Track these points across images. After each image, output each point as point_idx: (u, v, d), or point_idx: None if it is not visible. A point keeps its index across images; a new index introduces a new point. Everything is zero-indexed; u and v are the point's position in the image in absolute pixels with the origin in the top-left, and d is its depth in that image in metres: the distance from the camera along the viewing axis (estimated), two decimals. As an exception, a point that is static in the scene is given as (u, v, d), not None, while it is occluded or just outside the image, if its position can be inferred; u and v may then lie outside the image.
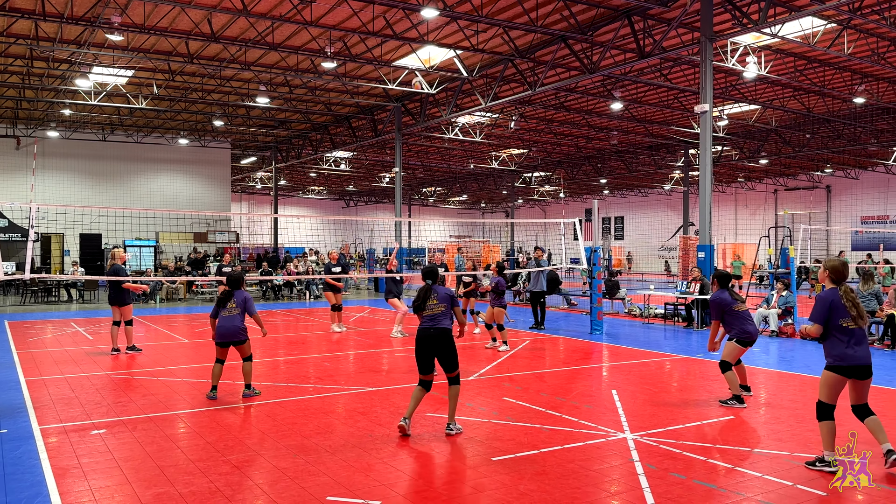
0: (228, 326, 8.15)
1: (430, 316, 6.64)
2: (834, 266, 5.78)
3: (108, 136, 31.75)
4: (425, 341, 6.62)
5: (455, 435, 6.58)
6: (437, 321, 6.63)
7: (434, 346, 6.59)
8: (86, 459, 5.88)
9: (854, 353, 5.53)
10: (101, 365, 10.47)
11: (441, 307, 6.67)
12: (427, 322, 6.65)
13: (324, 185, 53.21)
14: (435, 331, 6.60)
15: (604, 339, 13.75)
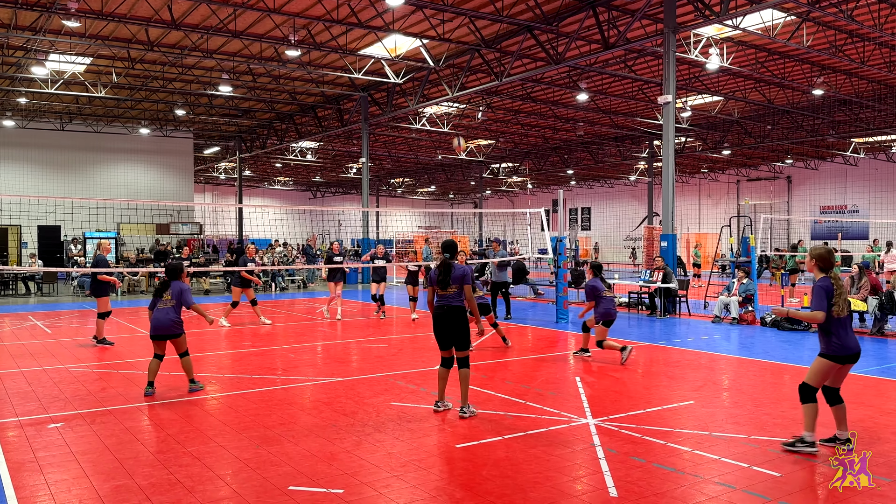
0: (163, 319, 7.81)
1: (447, 294, 6.86)
2: (820, 254, 5.77)
3: (66, 125, 30.99)
4: (440, 318, 6.86)
5: (469, 418, 6.75)
6: (450, 300, 6.87)
7: (448, 323, 6.82)
8: (42, 453, 5.77)
9: (851, 342, 5.63)
10: (59, 358, 10.26)
11: (454, 287, 6.87)
12: (441, 299, 6.89)
13: (290, 175, 52.69)
14: (449, 308, 6.85)
15: (569, 327, 13.89)
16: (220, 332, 13.23)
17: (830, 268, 5.73)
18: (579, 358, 10.29)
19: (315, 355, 10.69)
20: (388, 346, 11.51)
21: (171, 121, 32.10)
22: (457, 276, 6.89)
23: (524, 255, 21.06)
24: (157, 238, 30.69)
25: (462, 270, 6.92)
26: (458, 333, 6.88)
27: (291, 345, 11.75)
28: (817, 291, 5.65)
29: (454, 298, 6.89)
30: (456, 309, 6.87)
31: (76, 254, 27.00)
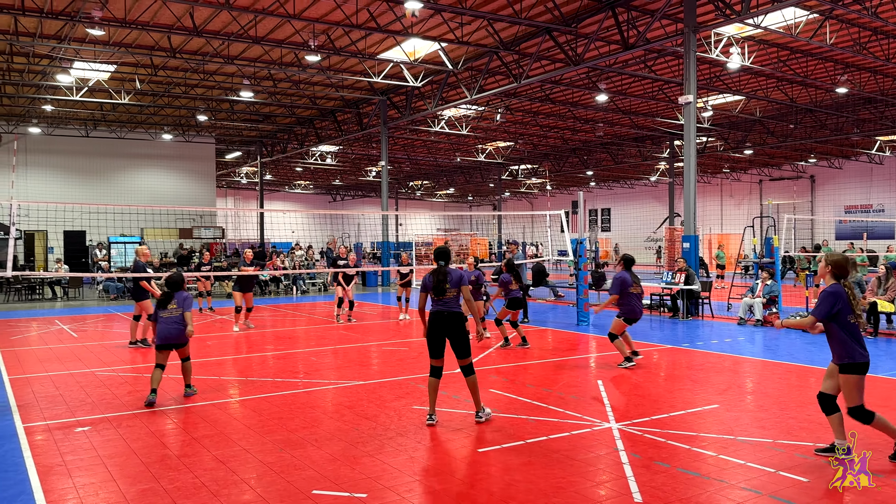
0: (172, 329, 7.86)
1: (444, 300, 6.67)
2: (836, 261, 5.47)
3: (90, 131, 31.44)
4: (437, 323, 6.64)
5: (485, 422, 6.70)
6: (450, 305, 6.66)
7: (446, 329, 6.62)
8: (70, 457, 5.85)
9: (866, 351, 5.40)
10: (85, 362, 10.40)
11: (453, 291, 6.69)
12: (439, 305, 6.68)
13: (310, 179, 53.01)
14: (448, 313, 6.63)
15: (590, 330, 13.81)
16: (241, 336, 13.33)
17: (845, 276, 5.48)
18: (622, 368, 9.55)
19: (336, 358, 10.73)
20: (409, 349, 11.52)
21: (193, 126, 32.45)
22: (455, 279, 6.71)
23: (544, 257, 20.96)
24: (180, 242, 31.01)
25: (459, 273, 6.78)
26: (458, 340, 6.62)
27: (313, 348, 11.80)
28: (826, 297, 5.37)
29: (453, 303, 6.67)
30: (455, 315, 6.64)
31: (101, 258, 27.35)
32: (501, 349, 11.33)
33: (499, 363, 10.07)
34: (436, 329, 6.65)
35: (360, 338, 13.00)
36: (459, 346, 6.66)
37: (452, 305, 6.67)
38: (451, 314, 6.63)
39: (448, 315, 6.62)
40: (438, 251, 6.89)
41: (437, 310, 6.67)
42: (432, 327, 6.67)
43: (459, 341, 6.65)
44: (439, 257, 6.86)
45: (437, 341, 6.68)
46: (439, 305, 6.68)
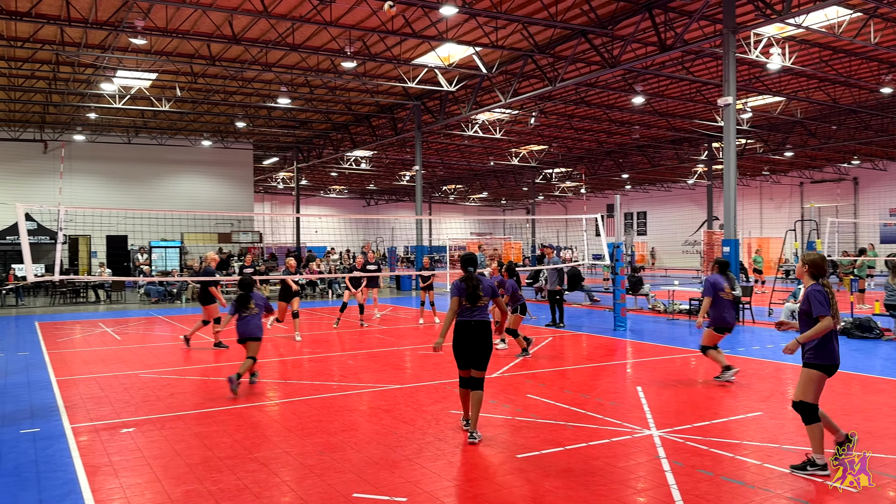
0: (251, 325, 8.86)
1: (475, 309, 6.46)
2: (814, 260, 5.52)
3: (132, 138, 32.17)
4: (467, 333, 6.40)
5: (478, 443, 6.30)
6: (479, 314, 6.47)
7: (473, 339, 6.39)
8: (116, 457, 5.97)
9: (838, 352, 5.43)
10: (129, 364, 10.62)
11: (486, 300, 6.50)
12: (469, 314, 6.45)
13: (345, 184, 53.46)
14: (475, 323, 6.42)
15: (627, 335, 13.66)
16: (278, 340, 13.48)
17: (822, 275, 5.49)
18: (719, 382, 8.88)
19: (372, 362, 10.79)
20: (445, 353, 11.51)
21: (231, 133, 32.99)
22: (487, 287, 6.54)
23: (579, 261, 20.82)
24: (219, 247, 31.52)
25: (490, 282, 6.64)
26: (483, 351, 6.43)
27: (349, 351, 11.88)
28: (816, 297, 5.35)
29: (482, 313, 6.48)
30: (484, 324, 6.44)
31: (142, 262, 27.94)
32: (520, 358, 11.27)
33: (535, 368, 10.03)
34: (463, 339, 6.42)
35: (395, 341, 13.05)
36: (482, 357, 6.45)
37: (482, 315, 6.48)
38: (478, 324, 6.42)
39: (476, 325, 6.41)
40: (465, 258, 6.70)
41: (464, 319, 6.44)
42: (461, 337, 6.43)
43: (483, 353, 6.44)
44: (467, 264, 6.64)
45: (465, 352, 6.44)
46: (468, 315, 6.44)
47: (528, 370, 9.86)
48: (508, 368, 9.99)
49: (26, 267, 9.81)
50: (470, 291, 6.45)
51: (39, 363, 10.83)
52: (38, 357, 11.41)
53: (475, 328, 6.39)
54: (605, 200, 54.08)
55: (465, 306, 6.49)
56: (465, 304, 6.48)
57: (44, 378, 9.62)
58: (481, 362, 6.44)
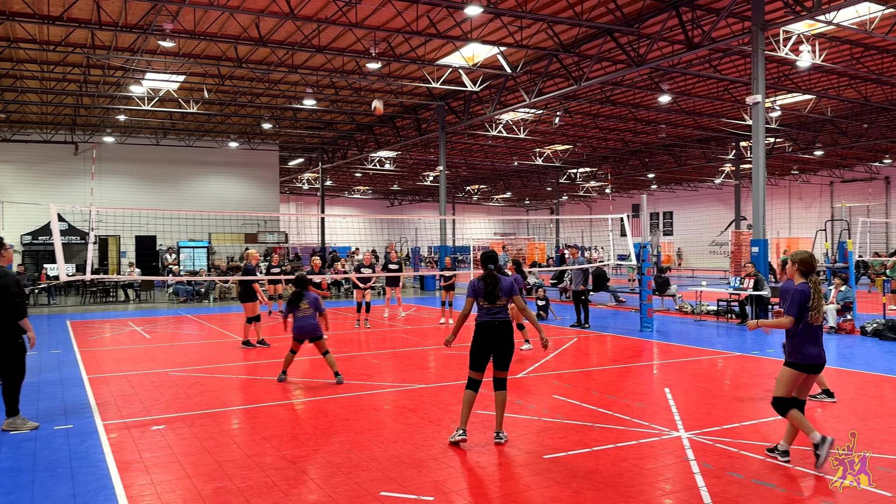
0: (305, 325, 8.99)
1: (495, 309, 6.28)
2: (804, 258, 5.69)
3: (161, 140, 32.62)
4: (487, 335, 6.23)
5: (504, 443, 6.30)
6: (500, 314, 6.28)
7: (495, 340, 6.23)
8: (147, 454, 6.06)
9: (818, 351, 5.57)
10: (158, 363, 10.78)
11: (504, 300, 6.32)
12: (489, 314, 6.28)
13: (369, 184, 53.69)
14: (499, 323, 6.24)
15: (654, 336, 13.54)
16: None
17: (812, 273, 5.65)
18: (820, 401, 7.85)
19: (397, 361, 10.82)
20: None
21: (258, 134, 33.31)
22: (506, 287, 6.34)
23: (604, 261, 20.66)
24: (246, 247, 31.82)
25: (509, 281, 6.42)
26: (507, 352, 6.27)
27: (373, 351, 11.93)
28: (794, 296, 5.56)
29: (503, 313, 6.29)
30: (506, 325, 6.25)
31: (171, 262, 28.31)
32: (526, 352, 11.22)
33: (560, 369, 9.99)
34: (484, 340, 6.24)
35: (419, 341, 13.08)
36: (504, 358, 6.29)
37: (503, 315, 6.29)
38: (501, 324, 6.25)
39: (499, 325, 6.23)
40: (486, 255, 6.49)
41: (486, 320, 6.26)
42: (483, 338, 6.24)
43: (506, 353, 6.28)
44: (487, 261, 6.45)
45: (484, 353, 6.25)
46: (489, 315, 6.26)
47: (553, 371, 9.82)
48: (534, 369, 9.96)
49: (59, 266, 10.01)
50: (488, 290, 6.31)
51: (71, 361, 11.04)
52: (69, 355, 11.62)
53: (498, 329, 6.22)
54: (630, 200, 53.66)
55: (483, 307, 6.32)
56: (484, 304, 6.31)
57: (76, 375, 9.80)
58: (504, 363, 6.31)
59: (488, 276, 6.36)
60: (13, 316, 6.84)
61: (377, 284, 26.43)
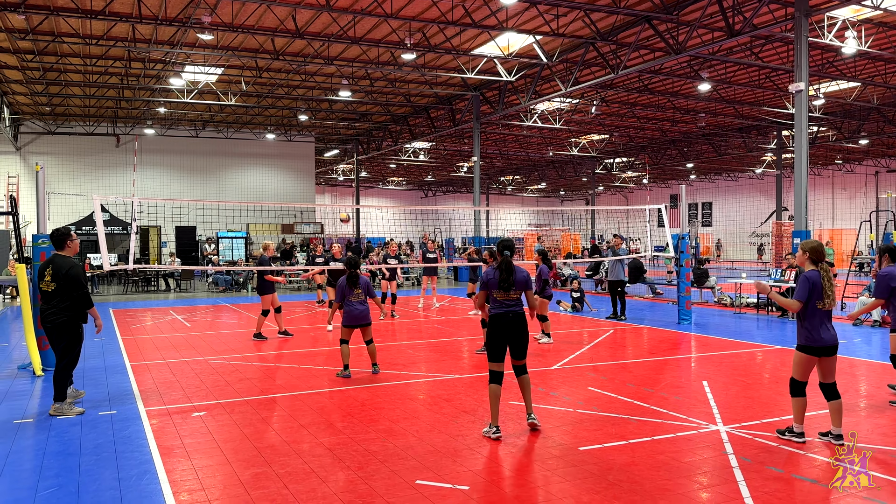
0: (358, 311, 8.91)
1: (510, 300, 6.27)
2: (814, 247, 6.00)
3: (200, 132, 33.16)
4: (504, 326, 6.22)
5: (539, 427, 6.36)
6: (515, 306, 6.28)
7: (512, 332, 6.25)
8: (188, 440, 6.20)
9: (825, 336, 5.83)
10: (199, 351, 11.00)
11: (518, 292, 6.30)
12: (505, 306, 6.26)
13: (403, 175, 53.84)
14: (513, 315, 6.25)
15: (692, 329, 13.37)
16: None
17: (821, 260, 5.96)
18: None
19: (432, 352, 10.87)
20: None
21: (294, 126, 33.65)
22: (521, 279, 6.29)
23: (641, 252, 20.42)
24: (283, 237, 32.22)
25: (524, 273, 6.34)
26: (523, 342, 6.29)
27: (408, 341, 12.00)
28: (803, 282, 5.89)
29: (518, 304, 6.27)
30: (521, 316, 6.26)
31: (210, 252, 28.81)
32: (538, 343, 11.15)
33: (596, 361, 9.93)
34: (501, 331, 6.23)
35: (453, 332, 13.11)
36: (521, 347, 6.31)
37: (517, 307, 6.27)
38: (516, 316, 6.24)
39: (514, 317, 6.23)
40: (503, 242, 6.42)
41: (500, 312, 6.23)
42: (497, 329, 6.24)
43: (524, 343, 6.31)
44: (503, 248, 6.37)
45: (501, 344, 6.24)
46: (503, 307, 6.24)
47: (589, 363, 9.77)
48: (569, 361, 9.92)
49: (102, 256, 10.25)
50: (502, 279, 6.24)
51: (115, 349, 11.32)
52: (113, 343, 11.93)
53: (513, 321, 6.23)
54: (668, 191, 52.88)
55: (496, 298, 6.27)
56: (497, 295, 6.26)
57: (119, 363, 10.06)
58: (522, 351, 6.35)
59: (504, 263, 6.32)
60: (83, 305, 7.14)
61: (412, 275, 26.57)
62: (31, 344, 9.45)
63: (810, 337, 5.83)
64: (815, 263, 5.95)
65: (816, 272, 5.87)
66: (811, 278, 5.84)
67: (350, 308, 8.87)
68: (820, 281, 5.82)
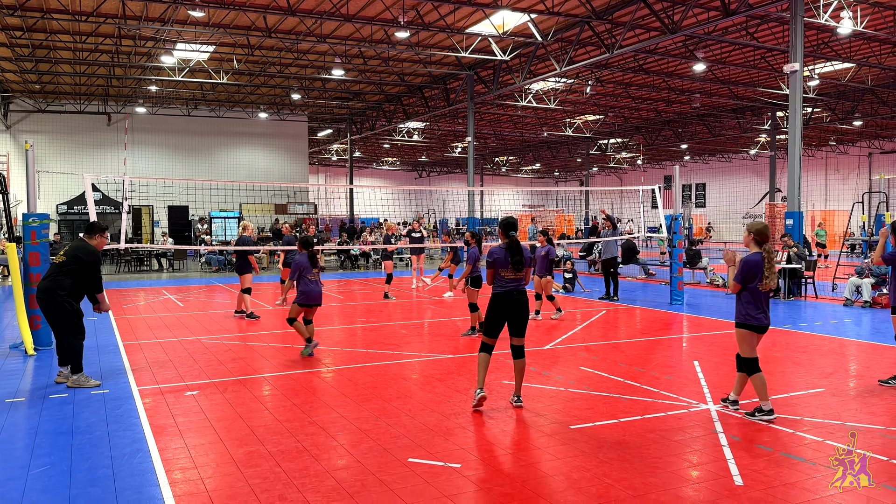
0: (318, 290, 8.94)
1: (516, 279, 6.35)
2: (759, 229, 6.19)
3: (192, 111, 32.88)
4: (507, 305, 6.32)
5: (521, 407, 6.43)
6: (520, 283, 6.37)
7: (514, 309, 6.34)
8: (181, 419, 6.21)
9: (759, 314, 6.07)
10: (191, 330, 10.99)
11: (525, 270, 6.39)
12: (510, 284, 6.33)
13: (397, 155, 53.63)
14: (518, 293, 6.35)
15: (684, 309, 13.43)
16: (333, 309, 13.72)
17: (765, 242, 6.15)
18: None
19: (426, 332, 10.89)
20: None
21: (287, 105, 33.39)
22: (526, 257, 6.36)
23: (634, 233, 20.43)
24: (276, 218, 32.12)
25: (528, 251, 6.42)
26: (522, 319, 6.38)
27: (401, 321, 12.03)
28: (743, 265, 6.08)
29: (521, 282, 6.37)
30: (524, 293, 6.39)
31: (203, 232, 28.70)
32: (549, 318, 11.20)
33: (588, 341, 9.97)
34: (503, 309, 6.33)
35: (447, 312, 13.13)
36: (520, 324, 6.39)
37: (521, 284, 6.37)
38: (520, 293, 6.35)
39: (518, 294, 6.34)
40: (507, 222, 6.46)
41: (507, 290, 6.32)
42: (499, 307, 6.33)
43: (522, 320, 6.38)
44: (509, 228, 6.43)
45: (500, 321, 6.37)
46: (509, 284, 6.33)
47: (581, 343, 9.81)
48: (561, 340, 9.96)
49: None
50: (515, 260, 6.30)
51: (107, 328, 11.30)
52: (105, 322, 11.90)
53: (517, 299, 6.34)
54: (662, 172, 52.87)
55: (504, 277, 6.34)
56: (507, 274, 6.32)
57: (111, 342, 10.05)
58: (520, 329, 6.42)
59: (513, 244, 6.35)
60: (95, 289, 7.51)
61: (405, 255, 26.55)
62: (22, 323, 9.42)
63: (747, 315, 6.10)
64: (760, 245, 6.13)
65: (758, 254, 6.06)
66: (755, 262, 6.04)
67: (310, 287, 8.86)
68: (761, 263, 6.02)
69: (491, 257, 6.44)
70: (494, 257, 6.41)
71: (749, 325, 6.10)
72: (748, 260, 6.08)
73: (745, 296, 6.10)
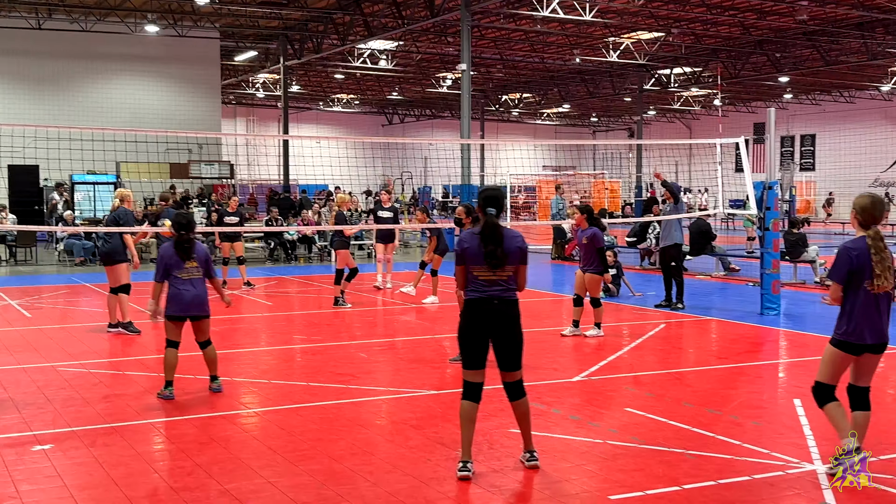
0: (193, 294, 8.56)
1: (496, 281, 6.21)
2: (864, 205, 6.08)
3: (43, 21, 32.58)
4: (485, 319, 6.21)
5: (535, 468, 6.40)
6: (503, 289, 6.23)
7: (494, 326, 6.22)
8: (25, 486, 6.17)
9: (866, 327, 6.02)
10: (43, 354, 10.94)
11: (510, 269, 6.24)
12: (489, 289, 6.21)
13: (355, 92, 53.58)
14: (499, 302, 6.21)
15: (781, 322, 13.54)
16: (258, 320, 13.69)
17: (873, 223, 6.06)
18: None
19: (396, 355, 10.92)
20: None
21: (188, 13, 33.18)
22: (514, 249, 6.22)
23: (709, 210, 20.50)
24: (171, 184, 31.97)
25: (517, 241, 6.32)
26: (512, 342, 6.25)
27: (360, 340, 12.03)
28: (838, 256, 6.10)
29: (507, 287, 6.24)
30: (511, 304, 6.24)
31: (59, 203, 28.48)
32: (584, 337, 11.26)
33: (638, 370, 10.03)
34: (479, 324, 6.23)
35: (429, 326, 13.16)
36: (510, 352, 6.29)
37: (507, 290, 6.24)
38: (503, 303, 6.20)
39: (501, 304, 6.19)
40: (487, 194, 6.39)
41: (481, 296, 6.20)
42: (472, 321, 6.25)
43: (512, 345, 6.28)
44: (488, 204, 6.26)
45: (479, 343, 6.24)
46: (489, 290, 6.19)
47: (629, 372, 9.87)
48: (598, 369, 10.01)
49: None
50: (488, 252, 6.12)
51: (-84, 349, 11.24)
52: (-87, 340, 11.83)
53: (498, 310, 6.21)
54: (751, 118, 53.14)
55: (477, 278, 6.22)
56: (480, 273, 6.20)
57: (-78, 371, 9.99)
58: (512, 359, 6.32)
59: (488, 227, 6.19)
60: None
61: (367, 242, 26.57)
62: None
63: (847, 331, 6.08)
64: (864, 227, 6.06)
65: (864, 240, 6.00)
66: (853, 250, 5.99)
67: (179, 290, 8.52)
68: (867, 252, 5.93)
69: (460, 247, 6.32)
70: (464, 247, 6.31)
71: (845, 344, 6.10)
72: (851, 247, 6.03)
73: (849, 301, 6.07)
